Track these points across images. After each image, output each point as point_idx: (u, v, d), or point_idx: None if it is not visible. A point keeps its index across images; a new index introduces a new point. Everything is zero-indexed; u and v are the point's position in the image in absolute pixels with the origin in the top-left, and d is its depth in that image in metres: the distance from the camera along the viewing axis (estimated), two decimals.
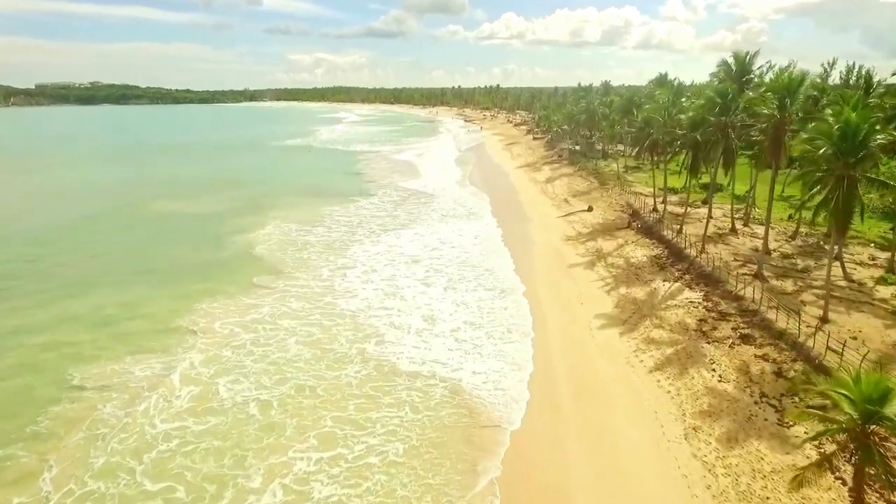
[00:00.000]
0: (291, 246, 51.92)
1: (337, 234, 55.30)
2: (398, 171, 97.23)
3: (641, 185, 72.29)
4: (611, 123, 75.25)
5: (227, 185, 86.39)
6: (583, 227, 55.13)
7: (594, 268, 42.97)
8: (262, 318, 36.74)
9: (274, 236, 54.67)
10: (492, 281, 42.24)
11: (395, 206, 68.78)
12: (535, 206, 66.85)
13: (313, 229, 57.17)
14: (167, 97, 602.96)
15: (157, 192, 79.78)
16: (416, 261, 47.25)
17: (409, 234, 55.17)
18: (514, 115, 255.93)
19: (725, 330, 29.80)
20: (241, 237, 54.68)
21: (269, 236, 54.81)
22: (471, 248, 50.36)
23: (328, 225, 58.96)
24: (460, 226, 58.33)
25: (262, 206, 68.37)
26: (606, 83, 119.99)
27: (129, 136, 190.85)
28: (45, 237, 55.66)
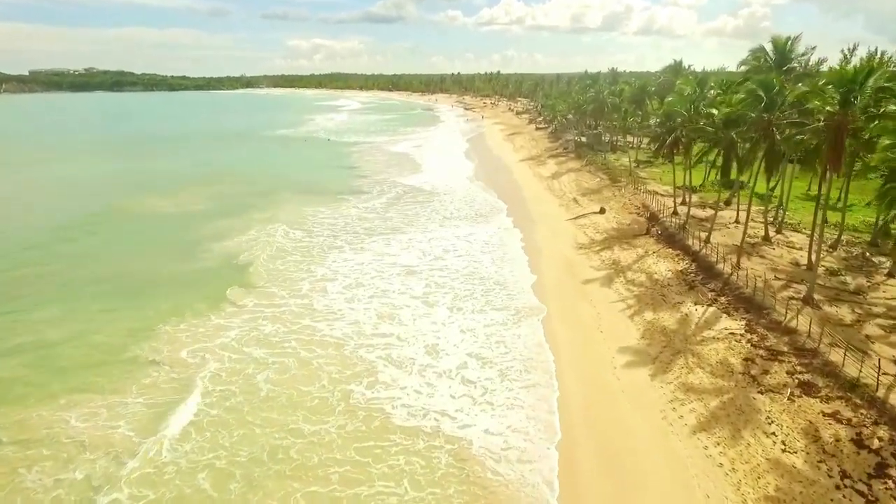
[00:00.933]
0: (277, 254, 46.86)
1: (325, 240, 50.12)
2: (395, 165, 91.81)
3: (655, 182, 67.07)
4: (623, 115, 69.80)
5: (213, 180, 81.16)
6: (595, 232, 50.00)
7: (612, 285, 37.93)
8: (228, 342, 31.98)
9: (257, 242, 49.53)
10: (502, 298, 37.28)
11: (388, 205, 63.52)
12: (541, 206, 61.66)
13: (300, 232, 52.01)
14: (162, 84, 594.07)
15: (137, 189, 74.48)
16: (413, 272, 42.24)
17: (412, 240, 50.04)
18: (515, 102, 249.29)
19: (780, 374, 24.86)
20: (220, 244, 49.54)
21: (252, 242, 49.68)
22: (472, 256, 45.26)
23: (317, 228, 53.77)
24: (465, 231, 53.17)
25: (248, 206, 63.16)
26: (614, 70, 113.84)
27: (117, 125, 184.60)
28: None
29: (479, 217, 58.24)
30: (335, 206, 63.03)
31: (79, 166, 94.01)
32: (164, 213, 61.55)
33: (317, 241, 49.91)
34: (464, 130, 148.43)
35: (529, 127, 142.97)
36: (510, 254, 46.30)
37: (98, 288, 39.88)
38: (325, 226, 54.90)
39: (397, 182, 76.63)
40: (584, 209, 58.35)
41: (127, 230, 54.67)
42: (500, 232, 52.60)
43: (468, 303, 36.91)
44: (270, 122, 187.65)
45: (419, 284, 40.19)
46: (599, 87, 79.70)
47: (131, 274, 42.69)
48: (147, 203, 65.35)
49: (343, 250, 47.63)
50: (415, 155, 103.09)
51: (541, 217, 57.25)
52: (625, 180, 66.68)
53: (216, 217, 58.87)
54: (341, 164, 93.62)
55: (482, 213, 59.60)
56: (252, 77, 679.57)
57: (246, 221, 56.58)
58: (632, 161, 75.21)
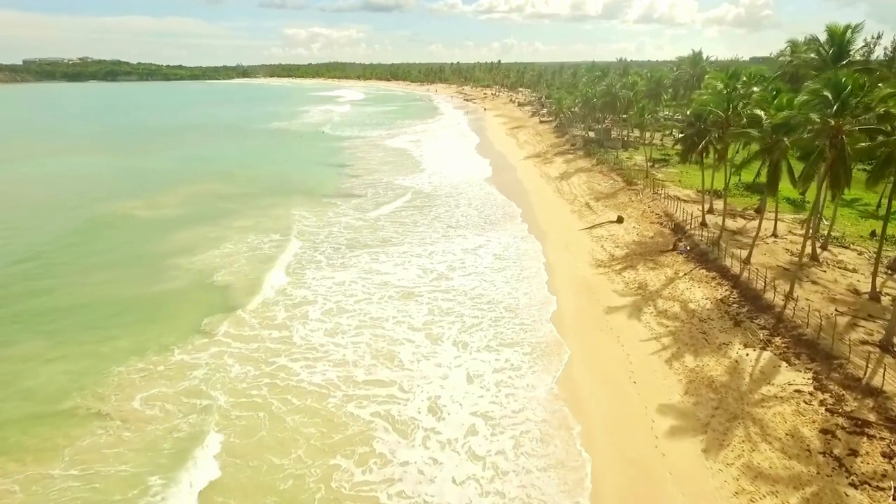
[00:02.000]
0: (255, 272, 41.54)
1: (310, 254, 44.66)
2: (393, 163, 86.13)
3: (674, 184, 61.54)
4: (639, 111, 64.05)
5: (198, 179, 75.67)
6: (615, 245, 44.61)
7: (641, 316, 32.61)
8: (192, 386, 26.93)
9: (234, 258, 44.18)
10: (514, 330, 32.12)
11: (385, 210, 58.03)
12: (550, 212, 56.21)
13: (282, 244, 46.57)
14: (157, 73, 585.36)
15: (116, 191, 68.98)
16: (411, 294, 36.92)
17: (408, 254, 44.63)
18: (516, 93, 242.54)
19: (873, 457, 19.65)
20: (194, 259, 44.21)
21: (228, 258, 44.33)
22: (482, 274, 39.90)
23: (303, 239, 48.30)
24: (472, 242, 47.76)
25: (229, 212, 57.72)
26: (623, 61, 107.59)
27: (107, 117, 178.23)
28: None
29: (487, 225, 52.80)
30: (325, 211, 57.52)
31: (60, 164, 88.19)
32: (140, 219, 56.04)
33: (301, 255, 44.48)
34: (464, 124, 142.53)
35: (533, 120, 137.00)
36: (525, 271, 40.96)
37: (50, 323, 34.39)
38: (311, 236, 49.43)
39: (395, 184, 71.04)
40: (598, 216, 52.91)
41: (97, 245, 48.82)
42: (514, 243, 47.25)
43: (477, 335, 31.85)
44: (265, 114, 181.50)
45: (419, 312, 34.99)
46: (611, 80, 73.83)
47: (92, 303, 37.17)
48: (124, 208, 59.77)
49: (331, 267, 42.24)
50: (413, 151, 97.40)
51: (551, 226, 51.83)
52: (641, 183, 61.12)
53: (193, 224, 53.52)
54: (335, 162, 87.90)
55: (491, 221, 54.13)
56: (249, 66, 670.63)
57: (223, 231, 51.23)
58: (644, 160, 69.46)
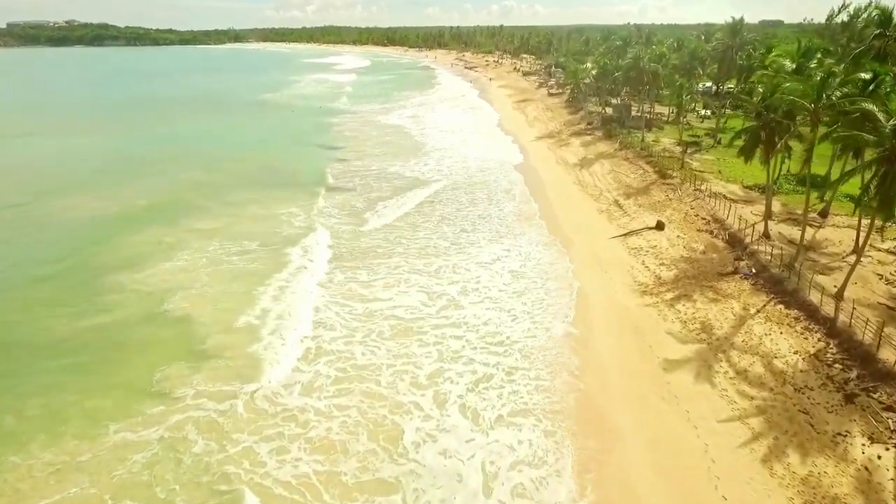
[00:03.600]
0: (219, 294, 33.70)
1: (280, 269, 36.53)
2: (391, 143, 77.22)
3: (713, 176, 53.10)
4: (677, 90, 54.81)
5: (166, 163, 67.06)
6: (658, 262, 36.63)
7: (713, 377, 24.92)
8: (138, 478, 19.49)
9: (190, 274, 36.25)
10: (540, 395, 24.57)
11: (381, 208, 49.71)
12: (573, 211, 48.03)
13: (248, 256, 38.43)
14: (145, 38, 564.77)
15: (67, 179, 60.35)
16: (410, 329, 29.19)
17: (412, 273, 36.61)
18: (519, 60, 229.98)
19: None
20: (142, 275, 36.33)
21: (186, 274, 36.43)
22: (497, 299, 32.08)
23: (275, 245, 40.14)
24: (487, 254, 39.76)
25: (193, 209, 49.49)
26: (644, 28, 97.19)
27: (83, 88, 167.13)
28: None
29: (503, 227, 44.68)
30: (311, 210, 49.20)
31: (16, 147, 78.96)
32: (87, 217, 47.56)
33: (277, 273, 36.40)
34: (468, 96, 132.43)
35: (540, 92, 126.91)
36: (549, 296, 33.22)
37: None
38: (291, 244, 41.23)
39: (393, 171, 62.45)
40: (632, 219, 44.73)
41: (23, 254, 40.61)
42: (534, 253, 39.33)
43: (489, 396, 24.65)
44: (254, 83, 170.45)
45: (425, 357, 27.52)
46: (638, 53, 64.48)
47: None
48: (73, 202, 51.39)
49: (314, 291, 34.26)
50: (413, 130, 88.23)
51: (577, 229, 43.80)
52: (677, 175, 52.70)
53: (149, 224, 45.45)
54: (329, 143, 78.76)
55: (507, 222, 45.95)
56: (241, 31, 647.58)
57: (183, 234, 43.22)
58: (681, 147, 60.76)
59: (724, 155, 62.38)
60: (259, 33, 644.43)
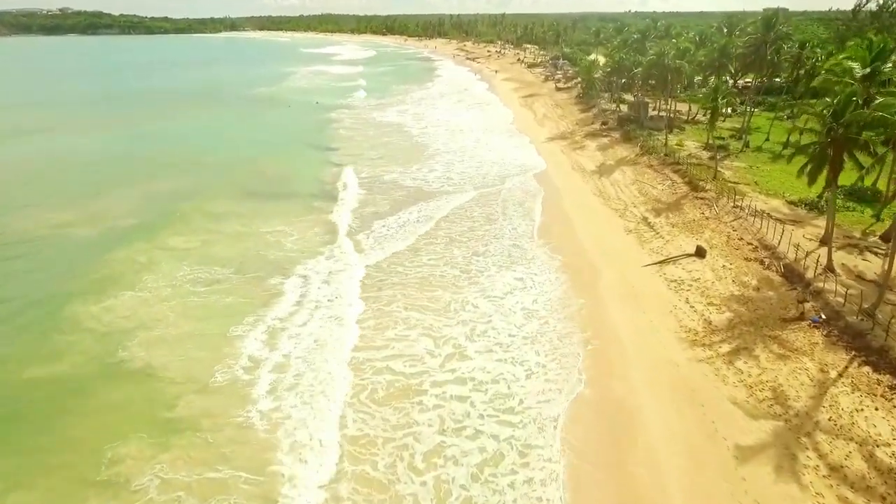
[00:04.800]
0: (183, 335, 28.63)
1: (250, 308, 31.33)
2: (390, 145, 71.73)
3: (750, 188, 47.81)
4: (712, 92, 48.80)
5: (150, 167, 62.12)
6: (705, 301, 31.46)
7: (798, 473, 19.84)
8: None
9: (152, 307, 31.15)
10: (557, 490, 19.67)
11: (380, 227, 44.42)
12: (597, 232, 42.76)
13: (219, 285, 33.16)
14: (139, 27, 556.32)
15: (38, 185, 55.52)
16: (410, 386, 24.16)
17: (424, 303, 31.49)
18: (523, 51, 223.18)
19: None
20: (100, 307, 31.42)
21: (146, 307, 31.39)
22: (508, 349, 26.98)
23: (250, 272, 34.84)
24: (499, 288, 34.57)
25: (169, 221, 44.48)
26: (660, 20, 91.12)
27: (68, 78, 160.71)
28: None
29: (515, 249, 39.42)
30: (302, 225, 43.94)
31: None
32: (53, 233, 42.44)
33: (257, 309, 31.12)
34: (472, 90, 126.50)
35: (547, 86, 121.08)
36: (575, 344, 28.14)
37: None
38: (274, 271, 35.93)
39: (394, 179, 57.10)
40: (665, 241, 39.51)
41: None
42: (551, 285, 34.09)
43: (498, 486, 20.08)
44: (247, 75, 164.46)
45: (427, 427, 22.63)
46: (662, 48, 58.75)
47: None
48: (39, 215, 46.33)
49: (301, 335, 29.10)
50: (417, 129, 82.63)
51: (602, 253, 38.62)
52: (711, 187, 47.40)
53: (121, 242, 40.57)
54: (326, 144, 73.36)
55: (520, 243, 40.67)
56: (237, 19, 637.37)
57: (155, 254, 38.26)
58: (712, 154, 55.23)
59: (755, 161, 57.15)
60: (255, 21, 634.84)
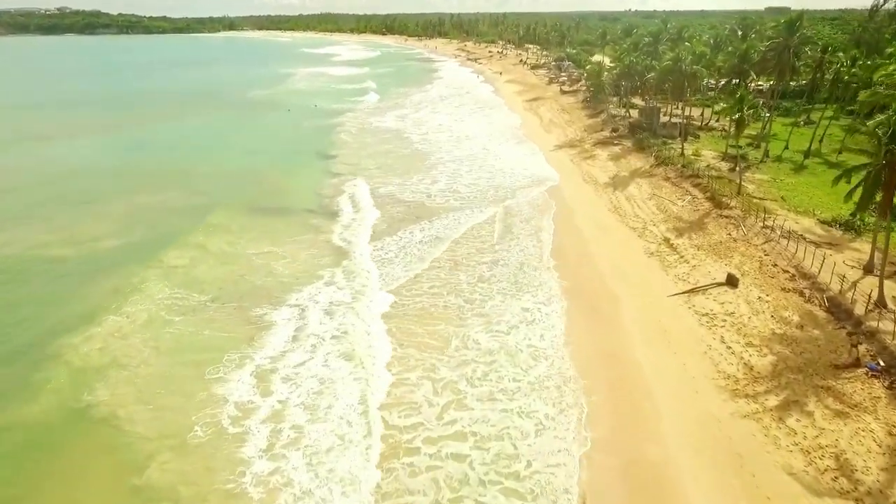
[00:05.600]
0: (157, 379, 25.49)
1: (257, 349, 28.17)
2: (391, 154, 68.50)
3: (776, 204, 44.60)
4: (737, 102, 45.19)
5: (136, 178, 59.42)
6: (742, 339, 28.27)
7: None
8: None
9: (124, 345, 27.99)
10: None
11: (383, 245, 41.26)
12: (614, 253, 39.53)
13: (200, 315, 29.95)
14: (138, 26, 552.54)
15: (18, 201, 52.11)
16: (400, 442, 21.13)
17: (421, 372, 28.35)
18: (524, 51, 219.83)
19: None
20: (69, 341, 28.45)
21: (120, 341, 28.30)
22: (515, 400, 23.94)
23: (231, 303, 31.65)
24: (507, 333, 31.43)
25: (152, 244, 41.26)
26: (672, 21, 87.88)
27: (62, 80, 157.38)
28: None
29: (524, 277, 36.20)
30: (290, 243, 40.74)
31: None
32: (20, 257, 39.22)
33: (245, 346, 27.92)
34: (477, 95, 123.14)
35: (552, 89, 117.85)
36: (578, 392, 24.87)
37: None
38: (257, 297, 32.66)
39: (396, 192, 53.90)
40: (690, 266, 36.32)
41: None
42: (572, 316, 30.82)
43: None
44: (245, 77, 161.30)
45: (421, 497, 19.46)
46: (678, 53, 55.44)
47: None
48: (17, 235, 43.21)
49: (284, 376, 25.90)
50: (416, 135, 79.37)
51: (621, 278, 35.45)
52: (735, 204, 44.21)
53: (92, 267, 37.69)
54: (319, 151, 70.17)
55: (530, 268, 37.43)
56: (235, 19, 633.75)
57: (131, 280, 35.15)
58: (732, 166, 51.97)
59: (777, 173, 53.97)
60: (254, 21, 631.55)
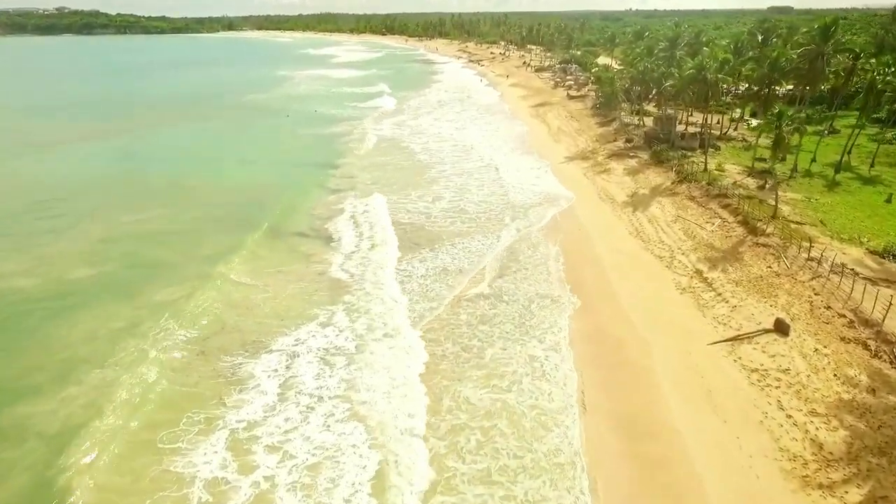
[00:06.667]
0: (119, 480, 21.36)
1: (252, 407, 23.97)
2: (385, 166, 64.38)
3: (816, 230, 40.46)
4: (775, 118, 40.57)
5: (117, 196, 54.77)
6: (805, 406, 24.07)
7: None
8: None
9: (93, 433, 23.82)
10: None
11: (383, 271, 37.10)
12: (640, 287, 35.28)
13: (182, 385, 25.83)
14: (136, 26, 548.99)
15: None
16: None
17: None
18: (527, 52, 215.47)
19: None
20: (57, 403, 24.15)
21: (91, 409, 24.13)
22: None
23: (223, 364, 27.44)
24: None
25: (126, 276, 37.25)
26: (685, 27, 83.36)
27: (51, 82, 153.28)
28: None
29: (530, 317, 31.98)
30: (276, 276, 36.45)
31: None
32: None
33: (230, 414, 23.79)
34: (481, 100, 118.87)
35: (558, 94, 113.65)
36: (605, 465, 20.75)
37: None
38: (235, 341, 28.46)
39: (398, 211, 49.73)
40: (730, 306, 32.08)
41: None
42: (561, 371, 26.69)
43: None
44: (241, 79, 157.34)
45: None
46: (702, 61, 51.21)
47: None
48: None
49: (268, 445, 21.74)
50: (417, 145, 75.21)
51: (651, 320, 31.27)
52: (772, 229, 40.05)
53: (55, 303, 33.49)
54: (317, 162, 65.88)
55: (537, 306, 33.26)
56: (234, 19, 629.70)
57: (94, 326, 30.92)
58: (763, 183, 47.71)
59: (810, 190, 49.78)
60: (254, 21, 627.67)
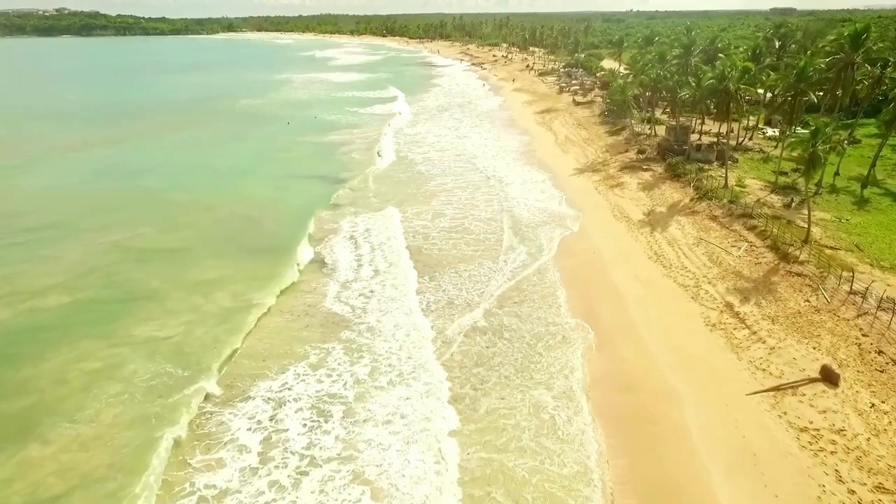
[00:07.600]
0: None
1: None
2: (385, 178, 61.25)
3: (854, 257, 37.22)
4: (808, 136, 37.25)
5: (103, 213, 51.55)
6: (869, 480, 20.84)
7: None
8: None
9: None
10: None
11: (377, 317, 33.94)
12: (668, 327, 32.10)
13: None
14: (135, 27, 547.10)
15: None
16: None
17: None
18: (530, 55, 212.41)
19: None
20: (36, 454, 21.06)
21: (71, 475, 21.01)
22: None
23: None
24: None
25: (103, 306, 34.14)
26: (696, 31, 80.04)
27: (43, 87, 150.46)
28: None
29: (536, 364, 28.78)
30: (264, 310, 33.31)
31: None
32: None
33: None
34: (484, 106, 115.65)
35: (564, 99, 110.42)
36: None
37: None
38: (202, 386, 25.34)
39: (393, 234, 46.58)
40: (768, 348, 28.86)
41: None
42: (573, 430, 23.51)
43: None
44: (238, 83, 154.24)
45: None
46: (723, 70, 48.01)
47: None
48: None
49: None
50: (418, 155, 72.09)
51: (680, 364, 28.10)
52: (807, 257, 36.80)
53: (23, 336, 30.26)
54: (317, 174, 62.74)
55: (544, 346, 30.02)
56: (234, 20, 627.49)
57: (68, 368, 27.55)
58: (792, 202, 44.46)
59: (838, 208, 46.59)
60: (253, 22, 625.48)
